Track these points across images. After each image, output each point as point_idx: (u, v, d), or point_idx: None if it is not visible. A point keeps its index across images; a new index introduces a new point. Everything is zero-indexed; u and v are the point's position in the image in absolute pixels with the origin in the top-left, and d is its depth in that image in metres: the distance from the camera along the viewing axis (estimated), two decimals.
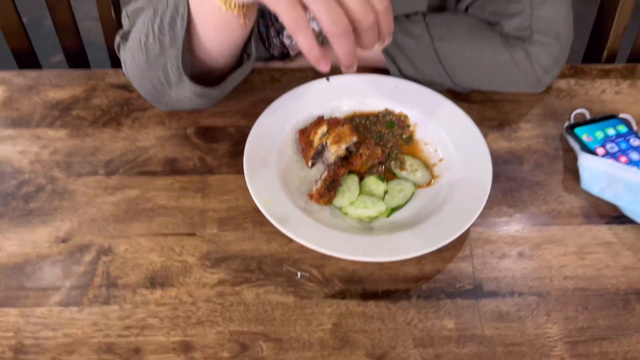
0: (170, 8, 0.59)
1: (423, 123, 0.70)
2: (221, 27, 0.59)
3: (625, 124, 0.72)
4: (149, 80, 0.66)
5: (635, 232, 0.62)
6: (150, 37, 0.61)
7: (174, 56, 0.60)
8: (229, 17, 0.57)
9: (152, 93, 0.68)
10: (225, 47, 0.62)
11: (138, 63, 0.65)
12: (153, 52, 0.62)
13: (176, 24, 0.59)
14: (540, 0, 0.69)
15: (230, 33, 0.60)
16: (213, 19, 0.58)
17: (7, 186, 0.65)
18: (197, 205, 0.63)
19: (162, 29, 0.60)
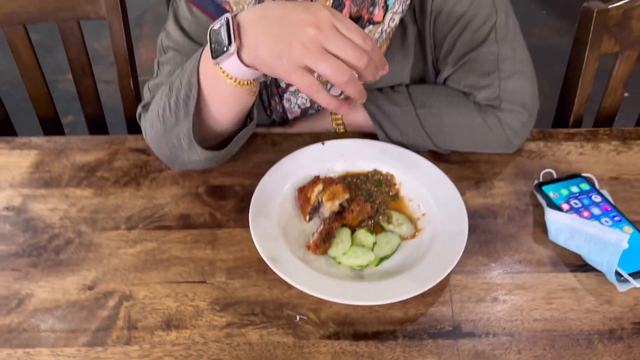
0: (184, 88, 0.68)
1: (407, 182, 0.79)
2: (232, 101, 0.69)
3: (587, 182, 0.81)
4: (166, 145, 0.75)
5: (597, 279, 0.70)
6: (167, 110, 0.71)
7: (185, 128, 0.70)
8: (240, 92, 0.67)
9: (168, 156, 0.78)
10: (234, 117, 0.72)
11: (156, 131, 0.75)
12: (169, 123, 0.72)
13: (190, 100, 0.68)
14: (506, 75, 0.80)
15: (239, 104, 0.70)
16: (225, 96, 0.68)
17: (40, 240, 0.73)
18: (208, 256, 0.71)
19: (178, 104, 0.70)
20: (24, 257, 0.71)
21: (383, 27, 0.79)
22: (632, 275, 0.68)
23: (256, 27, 0.60)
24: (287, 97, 0.87)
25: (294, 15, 0.58)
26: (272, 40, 0.58)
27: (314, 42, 0.56)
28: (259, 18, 0.60)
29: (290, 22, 0.57)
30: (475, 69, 0.81)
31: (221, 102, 0.68)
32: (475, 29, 0.79)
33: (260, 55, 0.60)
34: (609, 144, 0.88)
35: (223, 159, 0.79)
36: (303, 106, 0.85)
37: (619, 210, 0.76)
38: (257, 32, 0.60)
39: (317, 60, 0.56)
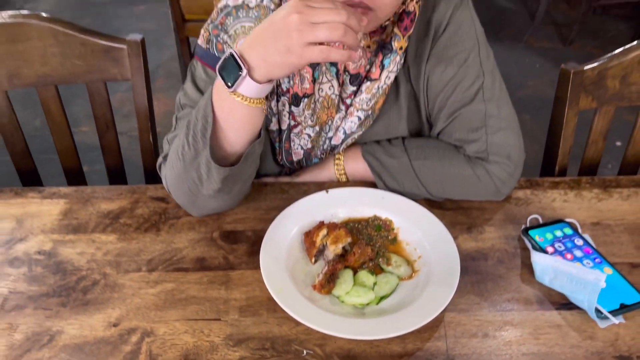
0: (200, 121, 0.76)
1: (405, 227, 0.86)
2: (247, 122, 0.76)
3: (571, 227, 0.87)
4: (185, 183, 0.83)
5: (580, 317, 0.75)
6: (186, 147, 0.79)
7: (204, 156, 0.77)
8: (254, 111, 0.75)
9: (187, 196, 0.85)
10: (247, 137, 0.79)
11: (177, 170, 0.83)
12: (188, 158, 0.79)
13: (206, 131, 0.76)
14: (493, 130, 0.88)
15: (253, 124, 0.77)
16: (241, 118, 0.75)
17: (69, 281, 0.80)
18: (222, 295, 0.78)
19: (196, 137, 0.77)
20: (55, 297, 0.78)
21: (379, 83, 0.88)
22: (611, 313, 0.74)
23: (255, 47, 0.70)
24: (292, 137, 0.94)
25: (276, 19, 0.68)
26: (274, 45, 0.68)
27: (302, 22, 0.66)
28: (253, 40, 0.71)
29: (277, 24, 0.68)
30: (465, 125, 0.89)
31: (237, 126, 0.76)
32: (464, 89, 0.88)
33: (271, 63, 0.69)
34: (591, 192, 0.96)
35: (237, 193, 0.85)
36: (305, 147, 0.93)
37: (600, 253, 0.83)
38: (258, 50, 0.70)
39: (313, 33, 0.66)
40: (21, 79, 1.07)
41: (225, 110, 0.75)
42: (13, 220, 0.90)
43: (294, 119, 0.90)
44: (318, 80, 0.87)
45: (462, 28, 0.88)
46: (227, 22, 0.86)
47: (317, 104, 0.88)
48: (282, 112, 0.89)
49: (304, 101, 0.88)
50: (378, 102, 0.89)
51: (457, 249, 0.81)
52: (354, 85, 0.88)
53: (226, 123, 0.76)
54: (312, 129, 0.91)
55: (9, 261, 0.83)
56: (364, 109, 0.88)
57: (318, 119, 0.90)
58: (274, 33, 0.68)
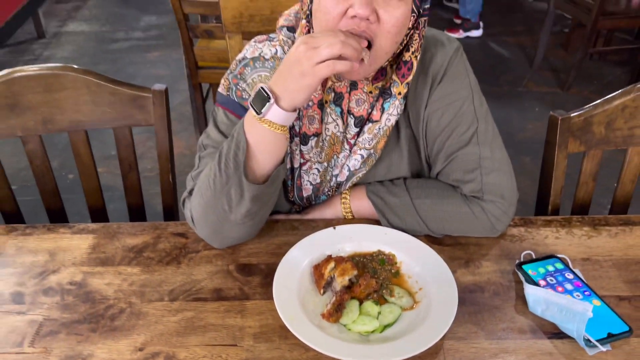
0: (232, 148, 0.86)
1: (407, 261, 0.93)
2: (274, 147, 0.87)
3: (562, 262, 0.94)
4: (214, 212, 0.91)
5: (570, 345, 0.81)
6: (217, 174, 0.88)
7: (237, 178, 0.86)
8: (280, 137, 0.85)
9: (213, 225, 0.93)
10: (274, 161, 0.89)
11: (206, 199, 0.91)
12: (219, 184, 0.88)
13: (238, 155, 0.86)
14: (487, 171, 0.96)
15: (279, 149, 0.87)
16: (269, 143, 0.86)
17: (98, 309, 0.87)
18: (238, 323, 0.84)
19: (228, 163, 0.87)
20: (85, 323, 0.85)
21: (380, 125, 0.96)
22: (599, 341, 0.80)
23: (277, 81, 0.83)
24: (302, 174, 1.02)
25: (288, 55, 0.81)
26: (290, 75, 0.80)
27: (308, 49, 0.78)
28: (275, 77, 0.83)
29: (289, 58, 0.81)
30: (461, 167, 0.97)
31: (266, 150, 0.86)
32: (460, 133, 0.97)
33: (292, 90, 0.81)
34: (581, 230, 1.03)
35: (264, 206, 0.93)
36: (314, 182, 1.01)
37: (589, 286, 0.89)
38: (280, 83, 0.82)
39: (318, 53, 0.78)
40: (55, 125, 1.17)
41: (255, 137, 0.85)
42: (46, 253, 0.98)
43: (303, 157, 0.99)
44: (325, 120, 0.96)
45: (458, 78, 0.97)
46: (246, 72, 0.96)
47: (324, 142, 0.97)
48: (294, 151, 0.98)
49: (312, 140, 0.97)
50: (380, 143, 0.97)
51: (456, 282, 0.87)
52: (357, 127, 0.96)
53: (257, 147, 0.86)
54: (320, 165, 0.99)
55: (43, 291, 0.90)
56: (367, 148, 0.96)
57: (326, 156, 0.98)
58: (289, 66, 0.80)
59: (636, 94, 1.10)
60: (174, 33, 4.28)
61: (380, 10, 0.83)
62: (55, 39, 4.25)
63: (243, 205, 0.89)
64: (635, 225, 1.03)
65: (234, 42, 1.38)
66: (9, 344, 0.82)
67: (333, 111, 0.96)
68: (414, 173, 1.03)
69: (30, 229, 1.04)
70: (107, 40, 4.23)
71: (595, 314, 0.83)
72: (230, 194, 0.88)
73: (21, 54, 4.02)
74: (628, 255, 0.97)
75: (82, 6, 4.87)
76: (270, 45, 0.97)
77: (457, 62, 0.97)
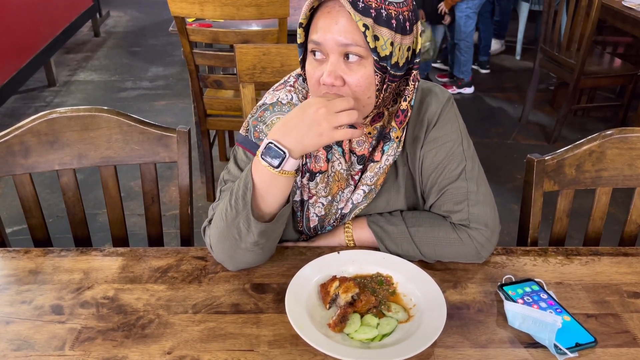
0: (241, 188, 0.99)
1: (402, 282, 1.06)
2: (283, 187, 0.99)
3: (538, 285, 1.07)
4: (227, 240, 1.03)
5: (543, 353, 0.93)
6: (229, 209, 1.01)
7: (244, 214, 0.99)
8: (290, 179, 0.98)
9: (227, 251, 1.05)
10: (281, 199, 1.01)
11: (220, 229, 1.04)
12: (230, 217, 1.01)
13: (246, 195, 0.99)
14: (473, 203, 1.10)
15: (286, 188, 1.00)
16: (279, 185, 0.98)
17: (130, 319, 0.98)
18: (254, 332, 0.96)
19: (237, 201, 1.00)
20: (119, 331, 0.96)
21: (380, 164, 1.10)
22: (568, 349, 0.92)
23: (289, 134, 0.94)
24: (308, 207, 1.15)
25: (306, 113, 0.93)
26: (309, 132, 0.92)
27: (329, 113, 0.91)
28: (286, 129, 0.94)
29: (309, 117, 0.92)
30: (451, 199, 1.11)
31: (276, 192, 0.99)
32: (451, 170, 1.11)
33: (307, 144, 0.93)
34: (556, 258, 1.16)
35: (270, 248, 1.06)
36: (319, 214, 1.15)
37: (561, 305, 1.02)
38: (294, 136, 0.93)
39: (337, 119, 0.92)
40: (88, 160, 1.31)
41: (262, 179, 0.98)
42: (81, 272, 1.10)
43: (310, 191, 1.13)
44: (330, 159, 1.11)
45: (449, 124, 1.12)
46: (265, 115, 1.11)
47: (329, 178, 1.11)
48: (305, 185, 1.12)
49: (318, 176, 1.11)
50: (379, 179, 1.12)
51: (445, 300, 1.00)
52: (361, 164, 1.11)
53: (263, 189, 0.99)
54: (325, 199, 1.13)
55: (80, 304, 1.02)
56: (368, 184, 1.11)
57: (330, 191, 1.12)
58: (308, 123, 0.93)
59: (601, 140, 1.26)
60: (179, 83, 4.52)
61: (345, 75, 0.98)
62: (65, 87, 4.45)
63: (250, 237, 1.02)
64: (603, 255, 1.17)
65: (247, 91, 1.54)
66: (51, 348, 0.93)
67: (336, 151, 1.11)
68: (410, 206, 1.17)
69: (65, 251, 1.16)
70: (115, 89, 4.44)
71: (565, 327, 0.96)
72: (240, 226, 1.01)
73: (32, 101, 4.22)
74: (596, 280, 1.10)
75: (92, 56, 5.12)
76: (286, 91, 1.13)
77: (449, 109, 1.13)
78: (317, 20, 0.97)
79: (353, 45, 0.95)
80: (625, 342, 0.95)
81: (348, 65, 0.97)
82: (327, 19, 0.96)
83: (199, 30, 2.46)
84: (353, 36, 0.94)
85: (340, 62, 0.97)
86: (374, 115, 1.07)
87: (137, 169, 1.35)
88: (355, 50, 0.95)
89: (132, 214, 2.80)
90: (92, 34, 5.65)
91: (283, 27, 2.40)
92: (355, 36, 0.94)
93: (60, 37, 4.54)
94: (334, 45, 0.96)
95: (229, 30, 2.45)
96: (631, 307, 1.03)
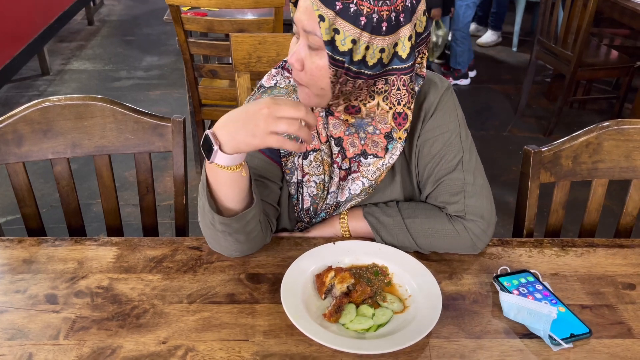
0: (201, 185, 1.00)
1: (398, 272, 1.05)
2: (231, 183, 0.98)
3: (533, 276, 1.07)
4: (207, 227, 1.04)
5: (538, 344, 0.93)
6: (200, 204, 1.01)
7: (204, 200, 0.99)
8: (234, 175, 0.96)
9: (211, 237, 1.06)
10: (237, 196, 1.00)
11: (201, 219, 1.04)
12: (200, 207, 1.02)
13: (204, 189, 0.99)
14: (469, 195, 1.10)
15: (237, 185, 0.99)
16: (225, 181, 0.97)
17: (124, 309, 0.98)
18: (249, 322, 0.96)
19: (202, 191, 1.00)
20: (114, 320, 0.96)
21: (384, 161, 1.10)
22: (563, 340, 0.92)
23: (226, 127, 0.90)
24: (303, 187, 1.14)
25: (250, 109, 0.89)
26: (243, 128, 0.88)
27: (270, 115, 0.87)
28: (226, 122, 0.92)
29: (250, 113, 0.89)
30: (447, 190, 1.11)
31: (226, 186, 0.98)
32: (447, 161, 1.11)
33: (239, 140, 0.89)
34: (551, 250, 1.16)
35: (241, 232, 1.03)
36: (312, 194, 1.13)
37: (556, 296, 1.02)
38: (229, 129, 0.90)
39: (276, 125, 0.87)
40: (82, 149, 1.30)
41: (213, 175, 0.98)
42: (75, 262, 1.09)
43: (303, 170, 1.12)
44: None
45: (447, 113, 1.11)
46: (263, 97, 1.09)
47: (323, 154, 1.10)
48: (300, 165, 1.11)
49: (312, 155, 1.10)
50: (381, 176, 1.11)
51: (440, 291, 1.00)
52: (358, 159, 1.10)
53: (215, 185, 0.99)
54: (317, 177, 1.12)
55: (75, 293, 1.01)
56: (369, 178, 1.10)
57: (323, 170, 1.11)
58: (246, 119, 0.89)
59: (598, 132, 1.26)
60: (174, 73, 4.49)
61: (305, 61, 0.96)
62: (59, 76, 4.42)
63: (218, 226, 1.02)
64: (599, 247, 1.17)
65: (242, 80, 1.53)
66: (45, 337, 0.92)
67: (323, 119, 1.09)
68: (406, 197, 1.17)
69: (59, 241, 1.15)
70: (109, 78, 4.40)
71: (560, 318, 0.96)
72: (207, 217, 1.02)
73: (26, 90, 4.18)
74: (591, 272, 1.10)
75: (86, 45, 5.07)
76: (284, 77, 1.12)
77: (447, 99, 1.12)
78: None
79: (312, 33, 0.93)
80: (620, 333, 0.95)
81: (310, 52, 0.96)
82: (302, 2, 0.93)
83: (194, 19, 2.44)
84: (313, 24, 0.92)
85: (306, 46, 0.96)
86: (347, 106, 1.05)
87: (132, 159, 1.34)
88: (312, 39, 0.94)
89: (127, 204, 2.79)
90: (86, 22, 5.60)
91: (279, 16, 2.38)
92: (316, 25, 0.91)
93: (53, 25, 4.49)
94: (300, 29, 0.95)
95: (225, 19, 2.43)
96: (626, 298, 1.03)
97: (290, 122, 0.88)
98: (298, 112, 0.88)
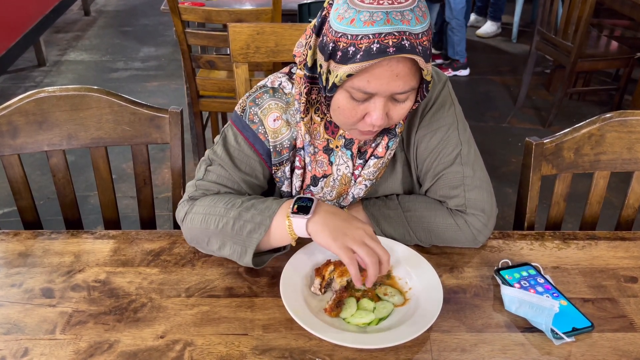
0: (250, 224, 0.99)
1: (398, 266, 1.04)
2: (283, 241, 1.00)
3: (535, 269, 1.06)
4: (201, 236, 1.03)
5: (540, 337, 0.92)
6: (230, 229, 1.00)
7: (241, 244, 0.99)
8: (290, 239, 0.99)
9: (197, 242, 1.05)
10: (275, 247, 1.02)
11: (204, 226, 1.02)
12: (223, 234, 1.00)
13: (254, 235, 0.98)
14: (469, 188, 1.08)
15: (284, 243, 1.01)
16: (281, 238, 0.99)
17: (122, 303, 0.97)
18: (248, 316, 0.95)
19: (240, 233, 0.99)
20: (111, 315, 0.94)
21: (384, 159, 1.08)
22: (565, 334, 0.91)
23: (327, 217, 0.95)
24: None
25: (353, 223, 0.95)
26: (334, 229, 0.93)
27: (360, 237, 0.92)
28: (330, 214, 0.96)
29: (349, 224, 0.94)
30: (447, 184, 1.09)
31: (277, 241, 1.00)
32: (446, 155, 1.09)
33: (321, 232, 0.93)
34: (553, 242, 1.15)
35: None
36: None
37: (558, 289, 1.01)
38: (326, 219, 0.95)
39: (359, 246, 0.91)
40: (78, 141, 1.28)
41: (277, 227, 0.98)
42: (72, 255, 1.08)
43: (312, 195, 1.11)
44: (335, 163, 1.08)
45: (444, 107, 1.10)
46: (263, 98, 1.07)
47: (335, 181, 1.09)
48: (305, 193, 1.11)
49: (322, 181, 1.09)
50: (380, 173, 1.10)
51: (441, 284, 0.99)
52: (361, 160, 1.09)
53: (273, 235, 0.99)
54: (329, 201, 1.11)
55: (71, 287, 1.00)
56: (370, 179, 1.09)
57: (337, 194, 1.11)
58: (342, 225, 0.94)
59: (601, 124, 1.24)
60: (172, 64, 4.46)
61: (390, 111, 0.94)
62: (55, 67, 4.38)
63: (225, 255, 1.02)
64: (600, 239, 1.16)
65: (240, 71, 1.51)
66: (42, 332, 0.91)
67: (344, 154, 1.08)
68: (406, 191, 1.15)
69: (55, 234, 1.14)
70: (106, 69, 4.37)
71: (562, 312, 0.95)
72: (225, 245, 1.01)
73: (22, 81, 4.15)
74: (593, 264, 1.09)
75: (82, 36, 5.03)
76: (290, 81, 1.08)
77: (445, 93, 1.10)
78: (369, 68, 0.87)
79: (410, 90, 0.92)
80: (622, 326, 0.95)
81: (393, 102, 0.94)
82: (386, 70, 0.87)
83: (191, 9, 2.41)
84: (412, 83, 0.91)
85: (387, 104, 0.93)
86: None
87: (129, 151, 1.32)
88: (400, 95, 0.92)
89: (124, 196, 2.77)
90: (82, 12, 5.55)
91: (277, 6, 2.36)
92: (413, 82, 0.91)
93: (49, 15, 4.45)
94: (386, 92, 0.90)
95: (222, 9, 2.40)
96: (628, 291, 1.03)
97: (371, 253, 0.91)
98: (384, 255, 0.93)
